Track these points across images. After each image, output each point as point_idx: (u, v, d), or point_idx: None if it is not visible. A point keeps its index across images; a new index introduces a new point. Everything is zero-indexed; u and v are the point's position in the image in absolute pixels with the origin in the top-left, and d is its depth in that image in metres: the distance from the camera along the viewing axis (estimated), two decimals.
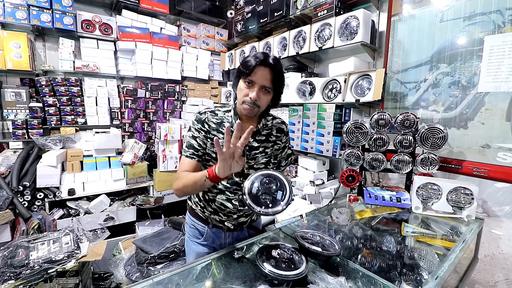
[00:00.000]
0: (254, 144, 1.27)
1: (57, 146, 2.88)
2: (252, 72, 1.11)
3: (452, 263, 1.12)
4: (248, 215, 1.40)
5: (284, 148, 1.42)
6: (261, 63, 1.10)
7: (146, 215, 3.12)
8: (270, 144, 1.33)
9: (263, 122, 1.30)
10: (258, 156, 1.29)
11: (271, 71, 1.12)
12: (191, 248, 1.44)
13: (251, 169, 1.28)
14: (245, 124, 1.24)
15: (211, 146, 1.24)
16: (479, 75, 1.76)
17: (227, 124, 1.22)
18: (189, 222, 1.45)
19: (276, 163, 1.40)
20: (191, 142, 1.24)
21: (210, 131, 1.24)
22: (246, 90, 1.14)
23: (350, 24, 2.25)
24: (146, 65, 3.52)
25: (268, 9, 3.04)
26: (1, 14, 2.73)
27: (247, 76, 1.12)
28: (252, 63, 1.10)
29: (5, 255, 1.67)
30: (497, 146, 1.72)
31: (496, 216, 1.76)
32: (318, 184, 2.47)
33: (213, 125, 1.24)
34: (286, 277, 0.93)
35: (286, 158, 1.47)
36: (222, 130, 1.24)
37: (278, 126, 1.37)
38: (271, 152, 1.33)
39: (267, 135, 1.32)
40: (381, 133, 1.81)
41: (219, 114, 1.27)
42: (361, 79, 2.25)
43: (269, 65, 1.12)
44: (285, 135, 1.40)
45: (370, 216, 1.67)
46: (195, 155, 1.24)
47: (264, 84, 1.13)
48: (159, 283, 0.99)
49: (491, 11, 1.72)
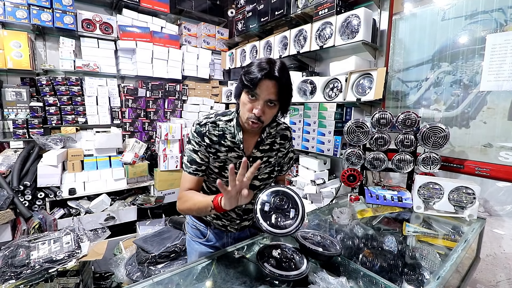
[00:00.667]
0: (258, 154, 1.23)
1: (57, 146, 2.88)
2: (256, 86, 1.01)
3: (454, 263, 1.11)
4: (251, 219, 1.38)
5: (287, 154, 1.37)
6: (266, 75, 0.99)
7: (147, 215, 3.12)
8: (274, 153, 1.28)
9: (267, 130, 1.23)
10: (261, 166, 1.24)
11: (277, 84, 1.02)
12: (193, 247, 1.42)
13: (254, 180, 1.25)
14: (249, 134, 1.20)
15: (213, 161, 1.18)
16: (481, 74, 1.75)
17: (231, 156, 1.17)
18: (190, 222, 1.43)
19: (279, 170, 1.36)
20: (193, 156, 1.17)
21: (212, 145, 1.17)
22: (250, 105, 1.05)
23: (351, 23, 2.24)
24: (146, 65, 3.52)
25: (269, 8, 3.03)
26: (1, 13, 2.73)
27: (251, 90, 1.03)
28: (257, 76, 0.99)
29: (6, 254, 1.67)
30: (499, 145, 1.71)
31: (498, 215, 1.75)
32: (319, 183, 2.46)
33: (214, 138, 1.17)
34: (287, 277, 0.92)
35: (288, 162, 1.43)
36: (224, 143, 1.17)
37: (282, 132, 1.31)
38: (274, 161, 1.29)
39: (271, 144, 1.26)
40: (382, 132, 1.80)
41: (220, 124, 1.18)
42: (362, 78, 2.24)
43: (275, 77, 1.01)
44: (288, 141, 1.34)
45: (371, 215, 1.66)
46: (199, 170, 1.18)
47: (270, 98, 1.03)
48: (159, 283, 0.99)
49: (493, 10, 1.72)
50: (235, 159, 1.18)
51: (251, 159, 1.20)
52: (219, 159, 1.18)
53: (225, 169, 1.17)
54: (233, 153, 1.18)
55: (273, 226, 0.95)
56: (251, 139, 1.21)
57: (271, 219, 0.97)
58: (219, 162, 1.18)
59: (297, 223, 0.97)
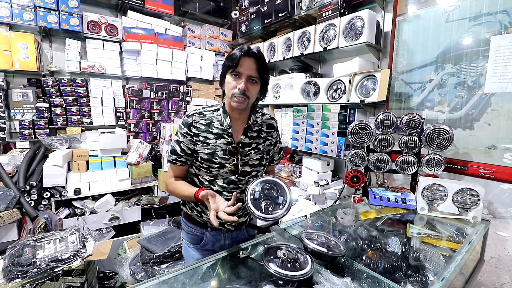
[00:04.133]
0: (247, 141, 1.27)
1: (63, 146, 2.91)
2: (238, 64, 1.13)
3: (458, 264, 1.11)
4: (247, 214, 1.39)
5: (276, 143, 1.43)
6: (246, 53, 1.13)
7: (151, 215, 3.14)
8: (262, 140, 1.33)
9: (253, 118, 1.31)
10: (251, 152, 1.29)
11: (256, 61, 1.15)
12: (190, 254, 1.41)
13: (245, 166, 1.28)
14: (236, 122, 1.26)
15: (202, 148, 1.23)
16: (485, 76, 1.75)
17: (217, 123, 1.24)
18: (186, 228, 1.42)
19: (269, 158, 1.40)
20: (175, 147, 1.26)
21: (199, 134, 1.23)
22: (234, 82, 1.16)
23: (355, 25, 2.24)
24: (151, 66, 3.54)
25: (272, 10, 3.04)
26: (8, 15, 2.77)
27: (234, 69, 1.14)
28: (237, 55, 1.12)
29: (12, 253, 1.70)
30: (503, 147, 1.70)
31: (503, 217, 1.74)
32: (322, 184, 2.46)
33: (201, 126, 1.23)
34: (292, 277, 0.93)
35: (279, 152, 1.49)
36: (211, 131, 1.23)
37: (268, 122, 1.38)
38: (263, 148, 1.34)
39: (258, 132, 1.33)
40: (386, 134, 1.81)
41: (207, 114, 1.26)
42: (365, 80, 2.24)
43: (254, 55, 1.14)
44: (275, 130, 1.41)
45: (375, 217, 1.67)
46: (178, 160, 1.27)
47: (251, 74, 1.15)
48: (164, 283, 1.00)
49: (497, 11, 1.71)
50: (225, 146, 1.23)
51: (240, 145, 1.26)
52: (209, 146, 1.23)
53: (215, 156, 1.23)
54: (222, 140, 1.23)
55: (263, 212, 1.05)
56: (239, 126, 1.28)
57: (261, 206, 1.07)
58: (209, 149, 1.23)
59: (285, 208, 1.06)
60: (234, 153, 1.23)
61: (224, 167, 1.24)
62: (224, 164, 1.23)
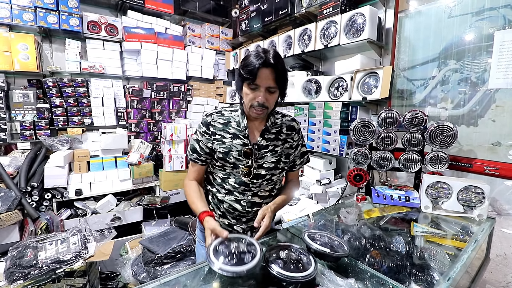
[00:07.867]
0: (263, 143, 1.25)
1: (64, 147, 2.91)
2: (256, 76, 1.09)
3: (464, 264, 1.09)
4: None
5: (297, 146, 1.37)
6: (263, 64, 1.08)
7: (153, 215, 3.13)
8: (280, 142, 1.29)
9: (272, 119, 1.28)
10: (267, 154, 1.25)
11: (273, 71, 1.10)
12: (200, 252, 1.44)
13: (260, 169, 1.25)
14: (254, 123, 1.26)
15: (218, 146, 1.24)
16: (489, 71, 1.73)
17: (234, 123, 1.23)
18: (200, 226, 1.43)
19: (288, 162, 1.35)
20: (195, 145, 1.29)
21: (216, 132, 1.24)
22: (252, 94, 1.13)
23: (356, 21, 2.22)
24: (151, 65, 3.53)
25: (272, 8, 3.02)
26: (8, 16, 2.76)
27: (251, 81, 1.11)
28: (255, 65, 1.07)
29: (14, 255, 1.69)
30: (508, 144, 1.68)
31: (508, 215, 1.72)
32: (324, 183, 2.44)
33: (219, 125, 1.25)
34: (295, 278, 0.91)
35: (301, 156, 1.42)
36: (228, 130, 1.24)
37: (289, 123, 1.33)
38: (281, 150, 1.29)
39: (277, 133, 1.29)
40: (389, 131, 1.79)
41: (225, 114, 1.27)
42: (367, 77, 2.22)
43: (271, 65, 1.09)
44: (296, 132, 1.35)
45: (378, 215, 1.65)
46: (199, 159, 1.29)
47: (269, 85, 1.12)
48: (166, 284, 0.98)
49: (500, 6, 1.69)
50: (240, 146, 1.22)
51: (256, 147, 1.24)
52: (224, 145, 1.23)
53: (229, 155, 1.23)
54: (238, 140, 1.23)
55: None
56: (256, 128, 1.26)
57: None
58: (224, 148, 1.23)
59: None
60: (249, 155, 1.22)
61: (238, 167, 1.23)
62: (238, 165, 1.23)
